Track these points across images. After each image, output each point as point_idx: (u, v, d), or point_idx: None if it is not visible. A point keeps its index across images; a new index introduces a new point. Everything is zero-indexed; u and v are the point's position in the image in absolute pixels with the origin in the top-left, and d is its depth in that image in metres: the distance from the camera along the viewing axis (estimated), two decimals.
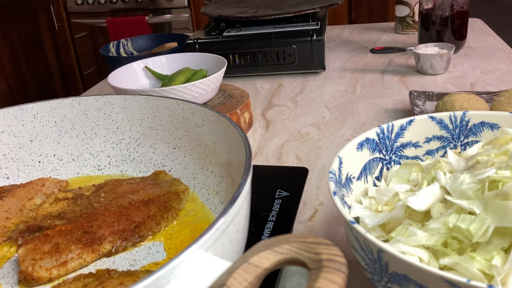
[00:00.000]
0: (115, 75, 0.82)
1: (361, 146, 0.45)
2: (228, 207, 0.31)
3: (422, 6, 1.08)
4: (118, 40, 1.16)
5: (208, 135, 0.51)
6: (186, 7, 2.46)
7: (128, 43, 1.17)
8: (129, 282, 0.38)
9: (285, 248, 0.27)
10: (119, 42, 1.16)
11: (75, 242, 0.44)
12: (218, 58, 0.85)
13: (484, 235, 0.33)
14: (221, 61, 0.83)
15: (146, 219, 0.47)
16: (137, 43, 1.18)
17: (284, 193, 0.52)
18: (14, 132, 0.56)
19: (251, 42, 1.01)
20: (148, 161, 0.58)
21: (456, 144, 0.49)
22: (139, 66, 0.88)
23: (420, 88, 0.91)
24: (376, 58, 1.12)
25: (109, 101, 0.57)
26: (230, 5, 1.19)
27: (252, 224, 0.43)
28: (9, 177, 0.57)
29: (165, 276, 0.26)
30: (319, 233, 0.52)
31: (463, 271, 0.32)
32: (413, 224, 0.37)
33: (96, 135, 0.59)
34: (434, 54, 0.95)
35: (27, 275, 0.41)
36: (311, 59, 1.00)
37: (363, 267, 0.36)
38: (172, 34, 1.21)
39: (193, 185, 0.53)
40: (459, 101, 0.69)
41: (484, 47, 1.13)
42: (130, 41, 1.17)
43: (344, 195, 0.41)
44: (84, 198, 0.52)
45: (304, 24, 1.04)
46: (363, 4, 2.42)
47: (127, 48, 1.16)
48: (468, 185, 0.36)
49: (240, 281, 0.26)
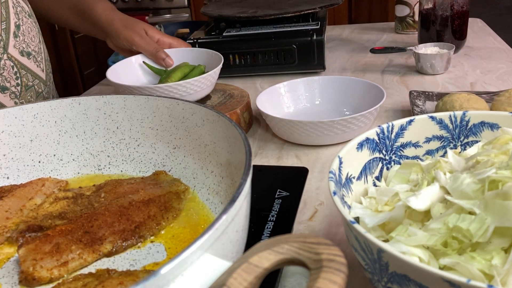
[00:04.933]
0: (114, 70, 0.82)
1: (361, 146, 0.45)
2: (228, 207, 0.31)
3: (422, 6, 1.08)
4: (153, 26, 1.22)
5: (208, 135, 0.51)
6: (186, 7, 2.46)
7: (161, 29, 1.23)
8: (129, 282, 0.38)
9: (285, 248, 0.27)
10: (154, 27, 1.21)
11: (76, 242, 0.44)
12: (215, 54, 0.85)
13: (484, 235, 0.33)
14: (218, 57, 0.83)
15: (146, 219, 0.47)
16: (169, 30, 1.26)
17: (284, 193, 0.52)
18: (14, 132, 0.56)
19: (251, 42, 1.01)
20: (148, 161, 0.58)
21: (456, 144, 0.49)
22: (137, 61, 0.88)
23: (420, 88, 0.91)
24: (376, 58, 1.12)
25: (109, 101, 0.57)
26: (230, 5, 1.19)
27: (252, 224, 0.43)
28: (9, 177, 0.57)
29: (165, 276, 0.26)
30: (319, 233, 0.52)
31: (463, 271, 0.32)
32: (413, 224, 0.37)
33: (96, 135, 0.59)
34: (434, 54, 0.95)
35: (28, 275, 0.41)
36: (311, 59, 1.00)
37: (363, 267, 0.36)
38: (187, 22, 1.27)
39: (193, 185, 0.53)
40: (459, 101, 0.69)
41: (484, 47, 1.13)
42: (163, 27, 1.25)
43: (344, 195, 0.41)
44: (84, 198, 0.52)
45: (304, 24, 1.04)
46: (363, 4, 2.42)
47: None
48: (468, 185, 0.36)
49: (240, 281, 0.26)
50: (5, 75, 0.74)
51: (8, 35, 0.75)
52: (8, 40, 0.75)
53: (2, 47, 0.74)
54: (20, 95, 0.77)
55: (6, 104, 0.75)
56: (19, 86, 0.77)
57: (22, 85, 0.77)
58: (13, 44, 0.76)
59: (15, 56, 0.76)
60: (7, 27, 0.74)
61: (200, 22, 1.31)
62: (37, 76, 0.81)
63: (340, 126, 0.68)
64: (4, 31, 0.73)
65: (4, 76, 0.74)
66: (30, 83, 0.79)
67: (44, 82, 0.83)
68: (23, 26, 0.78)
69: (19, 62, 0.76)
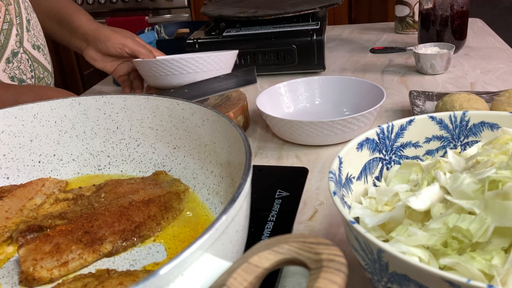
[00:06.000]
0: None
1: (361, 146, 0.45)
2: (228, 207, 0.31)
3: (422, 6, 1.08)
4: (153, 26, 1.27)
5: (208, 135, 0.51)
6: (186, 7, 2.46)
7: (161, 29, 1.29)
8: (128, 282, 0.38)
9: (285, 248, 0.27)
10: (153, 27, 1.27)
11: (76, 242, 0.44)
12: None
13: (484, 235, 0.33)
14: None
15: (146, 219, 0.47)
16: (169, 30, 1.31)
17: (284, 193, 0.53)
18: (14, 132, 0.56)
19: (251, 42, 1.01)
20: (148, 161, 0.58)
21: (456, 144, 0.49)
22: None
23: (420, 88, 0.91)
24: (376, 58, 1.12)
25: (109, 101, 0.57)
26: (230, 5, 1.19)
27: (252, 224, 0.43)
28: (9, 177, 0.57)
29: (165, 276, 0.26)
30: (319, 233, 0.52)
31: (463, 271, 0.32)
32: (413, 224, 0.37)
33: (96, 135, 0.59)
34: (434, 54, 0.95)
35: (29, 276, 0.41)
36: (311, 59, 1.00)
37: (363, 267, 0.36)
38: (187, 22, 1.42)
39: (193, 185, 0.53)
40: (459, 101, 0.69)
41: (484, 47, 1.13)
42: (163, 27, 1.30)
43: (344, 195, 0.41)
44: (84, 198, 0.52)
45: (304, 24, 1.04)
46: (363, 4, 2.42)
47: (160, 34, 1.28)
48: (468, 185, 0.36)
49: (240, 281, 0.26)
50: (22, 68, 0.76)
51: (22, 30, 0.77)
52: (22, 34, 0.77)
53: (18, 41, 0.76)
54: None
55: None
56: (33, 79, 0.79)
57: (35, 77, 0.79)
58: (26, 38, 0.78)
59: (29, 49, 0.78)
60: (21, 22, 0.76)
61: (200, 22, 1.32)
62: (46, 68, 0.83)
63: (340, 126, 0.68)
64: (19, 26, 0.75)
65: (21, 69, 0.76)
66: (41, 75, 0.81)
67: (51, 74, 0.85)
68: (32, 21, 0.80)
69: (32, 55, 0.79)
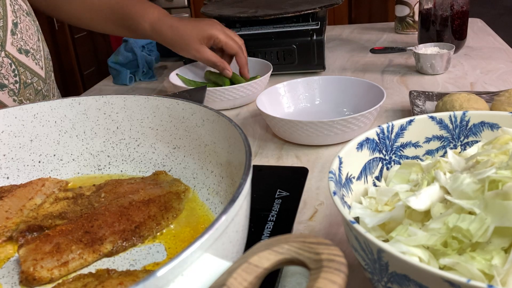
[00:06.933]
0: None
1: (361, 146, 0.45)
2: (228, 207, 0.31)
3: (422, 6, 1.08)
4: None
5: (208, 135, 0.51)
6: (186, 7, 2.46)
7: None
8: (128, 282, 0.38)
9: (285, 248, 0.27)
10: None
11: (76, 242, 0.44)
12: (266, 63, 0.99)
13: (484, 235, 0.33)
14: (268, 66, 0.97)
15: (146, 219, 0.47)
16: None
17: (284, 193, 0.53)
18: (14, 132, 0.56)
19: (251, 42, 1.01)
20: (148, 161, 0.58)
21: (456, 144, 0.49)
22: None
23: (420, 88, 0.91)
24: (376, 58, 1.12)
25: (109, 101, 0.57)
26: (230, 5, 1.19)
27: (252, 224, 0.43)
28: (9, 177, 0.57)
29: (165, 276, 0.26)
30: (319, 233, 0.52)
31: (463, 271, 0.32)
32: (413, 224, 0.37)
33: (96, 135, 0.59)
34: (434, 54, 0.95)
35: (29, 276, 0.41)
36: (311, 59, 1.00)
37: (363, 267, 0.36)
38: None
39: (193, 185, 0.54)
40: (459, 101, 0.69)
41: (484, 47, 1.13)
42: None
43: (344, 195, 0.41)
44: (84, 198, 0.52)
45: (304, 24, 1.04)
46: (363, 4, 2.42)
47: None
48: (468, 185, 0.36)
49: (240, 281, 0.26)
50: (3, 73, 0.74)
51: (5, 33, 0.75)
52: (5, 38, 0.75)
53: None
54: (18, 92, 0.77)
55: (5, 101, 0.75)
56: (18, 84, 0.77)
57: (20, 82, 0.78)
58: (10, 42, 0.76)
59: (13, 53, 0.76)
60: (4, 25, 0.75)
61: None
62: (36, 73, 0.81)
63: (340, 126, 0.68)
64: (1, 29, 0.74)
65: (2, 74, 0.74)
66: (29, 80, 0.79)
67: (44, 79, 0.83)
68: (21, 24, 0.79)
69: (17, 60, 0.77)
